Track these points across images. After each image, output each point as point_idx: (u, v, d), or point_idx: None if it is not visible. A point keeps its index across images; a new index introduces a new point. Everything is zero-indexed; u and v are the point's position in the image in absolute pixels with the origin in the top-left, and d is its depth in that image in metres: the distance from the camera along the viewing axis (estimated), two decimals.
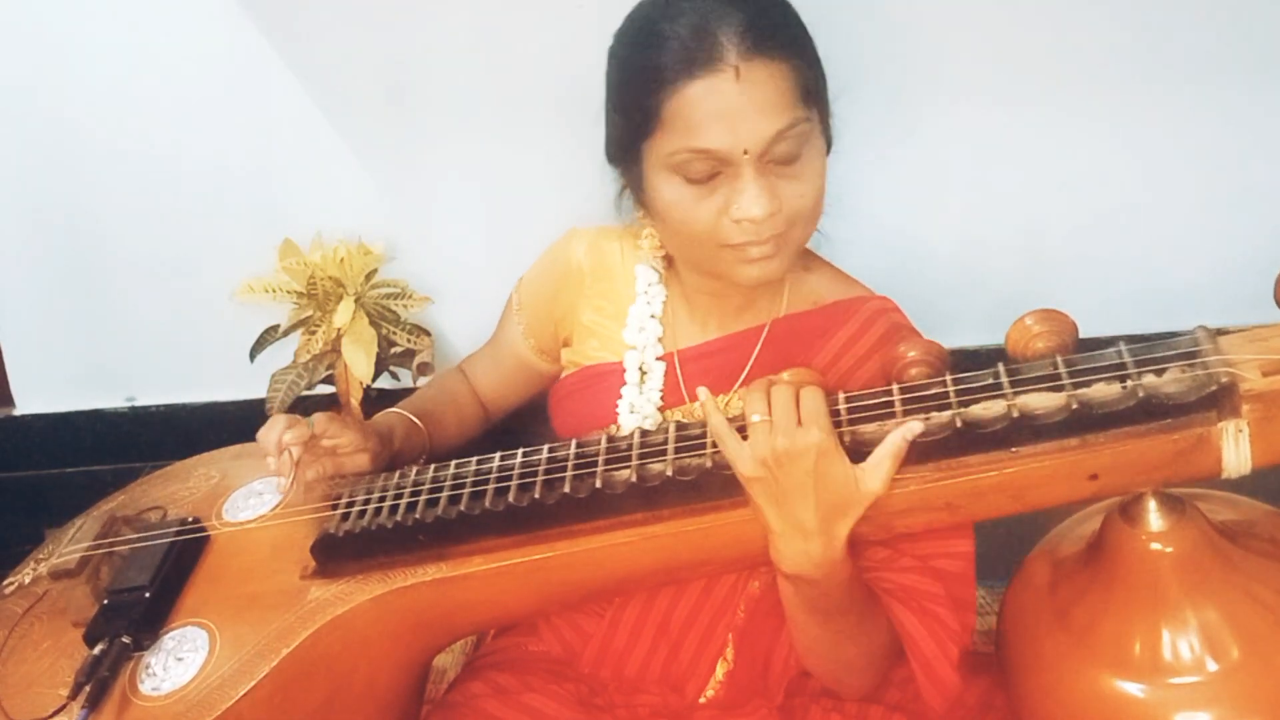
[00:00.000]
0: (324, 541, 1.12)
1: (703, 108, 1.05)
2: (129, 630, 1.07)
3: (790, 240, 1.12)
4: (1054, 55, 1.69)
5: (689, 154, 1.07)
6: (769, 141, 1.06)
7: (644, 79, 1.08)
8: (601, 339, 1.31)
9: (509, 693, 1.22)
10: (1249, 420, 0.93)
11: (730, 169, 1.07)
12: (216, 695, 1.04)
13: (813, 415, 0.97)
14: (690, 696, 1.20)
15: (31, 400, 2.03)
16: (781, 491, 0.98)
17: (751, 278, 1.13)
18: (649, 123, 1.09)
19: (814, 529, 0.99)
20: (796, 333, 1.23)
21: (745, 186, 1.07)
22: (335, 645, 1.09)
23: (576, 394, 1.32)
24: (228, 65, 1.77)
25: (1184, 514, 1.05)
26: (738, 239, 1.10)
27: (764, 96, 1.05)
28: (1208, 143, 1.74)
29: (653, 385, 1.25)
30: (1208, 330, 0.98)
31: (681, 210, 1.11)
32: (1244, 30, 1.66)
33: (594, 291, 1.31)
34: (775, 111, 1.05)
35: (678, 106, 1.06)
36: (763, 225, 1.08)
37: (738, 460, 0.99)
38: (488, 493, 1.09)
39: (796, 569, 1.01)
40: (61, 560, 1.15)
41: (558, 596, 1.15)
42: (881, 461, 0.97)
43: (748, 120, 1.05)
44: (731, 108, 1.04)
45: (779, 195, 1.08)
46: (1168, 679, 1.02)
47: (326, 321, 1.79)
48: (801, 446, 0.96)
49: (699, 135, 1.05)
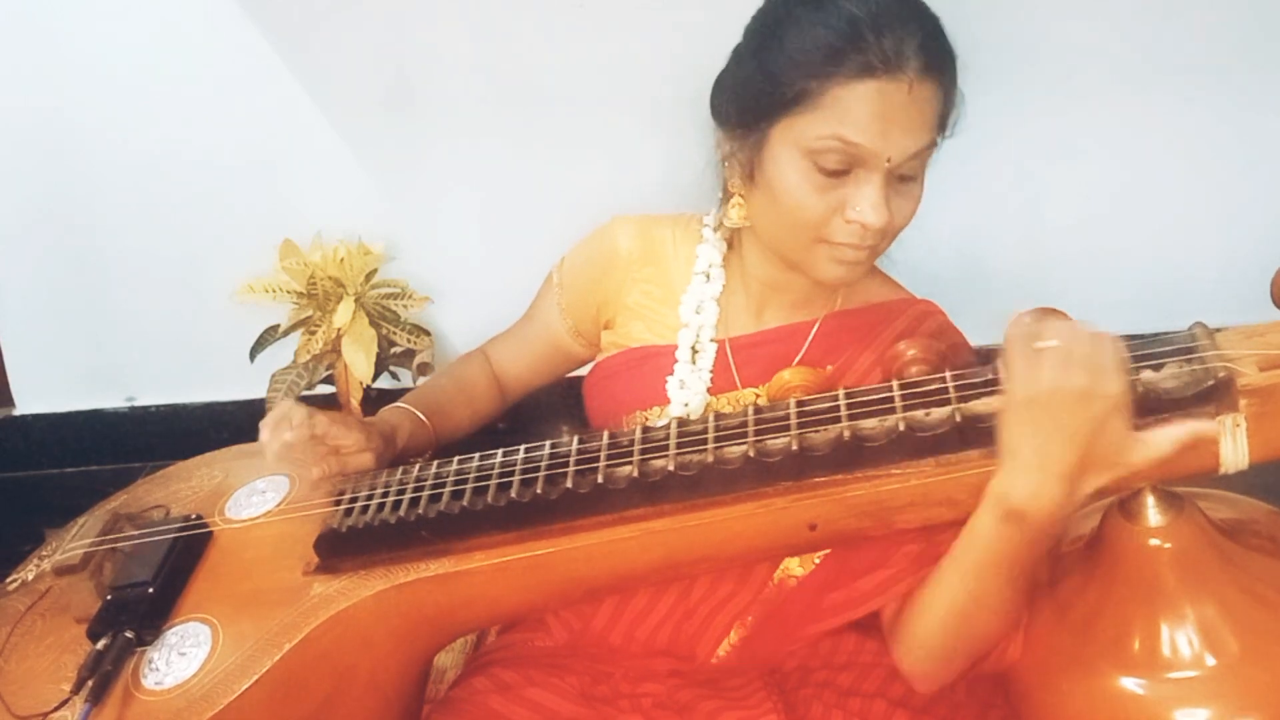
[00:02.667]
0: (326, 537, 1.12)
1: (869, 106, 1.06)
2: (132, 625, 1.07)
3: (879, 250, 1.16)
4: (1054, 54, 1.70)
5: (838, 144, 1.08)
6: (910, 156, 1.09)
7: (815, 56, 1.08)
8: (648, 321, 1.31)
9: (511, 688, 1.22)
10: (1246, 415, 0.94)
11: (862, 171, 1.09)
12: (219, 690, 1.03)
13: (1116, 363, 0.92)
14: (701, 657, 1.20)
15: (31, 400, 2.03)
16: (1054, 426, 0.92)
17: (835, 277, 1.16)
18: (801, 100, 1.09)
19: (1067, 472, 0.93)
20: (847, 329, 1.25)
21: (871, 193, 1.09)
22: (337, 641, 1.09)
23: (619, 375, 1.32)
24: (228, 65, 1.78)
25: (1182, 510, 1.06)
26: (842, 238, 1.12)
27: (923, 114, 1.08)
28: (1207, 142, 1.75)
29: (704, 365, 1.26)
30: (1205, 326, 0.99)
31: (800, 195, 1.11)
32: (1244, 30, 1.66)
33: (642, 275, 1.32)
34: (924, 130, 1.09)
35: (843, 96, 1.07)
36: (872, 233, 1.11)
37: (1026, 379, 0.93)
38: (490, 488, 1.09)
39: (1026, 504, 0.95)
40: (65, 556, 1.15)
41: (559, 592, 1.15)
42: (1163, 442, 0.93)
43: (902, 132, 1.07)
44: (895, 115, 1.07)
45: (890, 208, 1.11)
46: (1166, 674, 1.03)
47: (326, 321, 1.80)
48: (1101, 391, 0.91)
49: (857, 130, 1.07)
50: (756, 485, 1.04)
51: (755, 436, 1.04)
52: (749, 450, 1.02)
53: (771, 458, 1.02)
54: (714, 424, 1.07)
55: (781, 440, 1.03)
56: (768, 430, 1.05)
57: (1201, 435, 0.94)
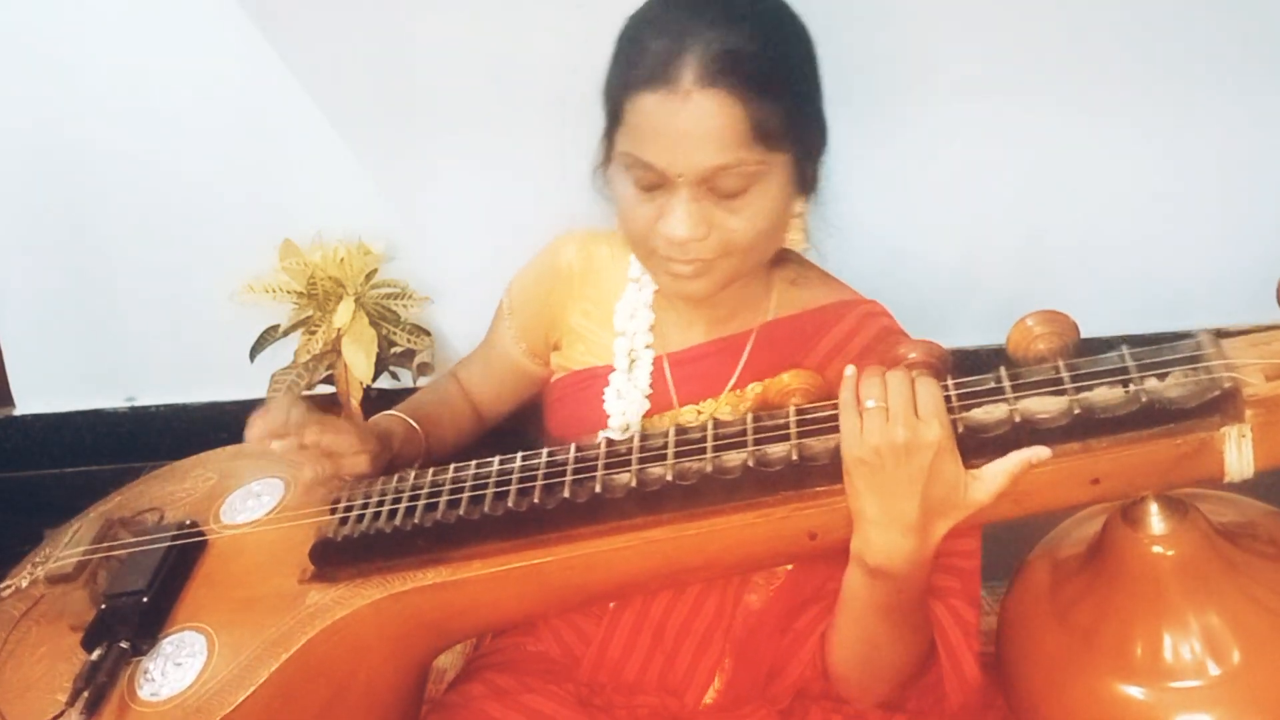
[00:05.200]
0: (322, 546, 1.11)
1: (651, 121, 1.06)
2: (127, 635, 1.07)
3: (717, 267, 1.12)
4: (1055, 54, 1.69)
5: (633, 160, 1.09)
6: (706, 172, 1.06)
7: (619, 75, 1.10)
8: (588, 343, 1.31)
9: (508, 693, 1.22)
10: (1252, 425, 0.93)
11: (669, 185, 1.08)
12: (215, 701, 1.03)
13: (933, 410, 0.95)
14: (690, 704, 1.20)
15: (31, 400, 2.04)
16: (889, 481, 0.95)
17: (674, 290, 1.15)
18: (615, 118, 1.11)
19: (913, 524, 0.96)
20: (786, 337, 1.23)
21: (674, 207, 1.08)
22: (334, 650, 1.08)
23: (566, 398, 1.32)
24: (228, 66, 1.77)
25: (1186, 517, 1.05)
26: (663, 251, 1.11)
27: (709, 127, 1.04)
28: (1208, 142, 1.74)
29: (640, 375, 1.25)
30: (1211, 334, 0.98)
31: (625, 207, 1.13)
32: (1246, 30, 1.66)
33: (582, 295, 1.32)
34: (718, 145, 1.05)
35: (633, 112, 1.07)
36: (685, 247, 1.09)
37: (852, 442, 0.96)
38: (487, 497, 1.08)
39: (882, 562, 0.98)
40: (58, 565, 1.15)
41: (557, 600, 1.15)
42: (997, 475, 0.95)
43: (687, 146, 1.05)
44: (675, 129, 1.05)
45: (711, 222, 1.08)
46: (1169, 682, 1.02)
47: (326, 321, 1.79)
48: (921, 441, 0.93)
49: (643, 145, 1.07)
50: (756, 494, 1.03)
51: (754, 444, 1.03)
52: (748, 459, 1.01)
53: (771, 467, 1.01)
54: (713, 431, 1.06)
55: (781, 449, 1.02)
56: (767, 438, 1.04)
57: (1034, 458, 0.95)
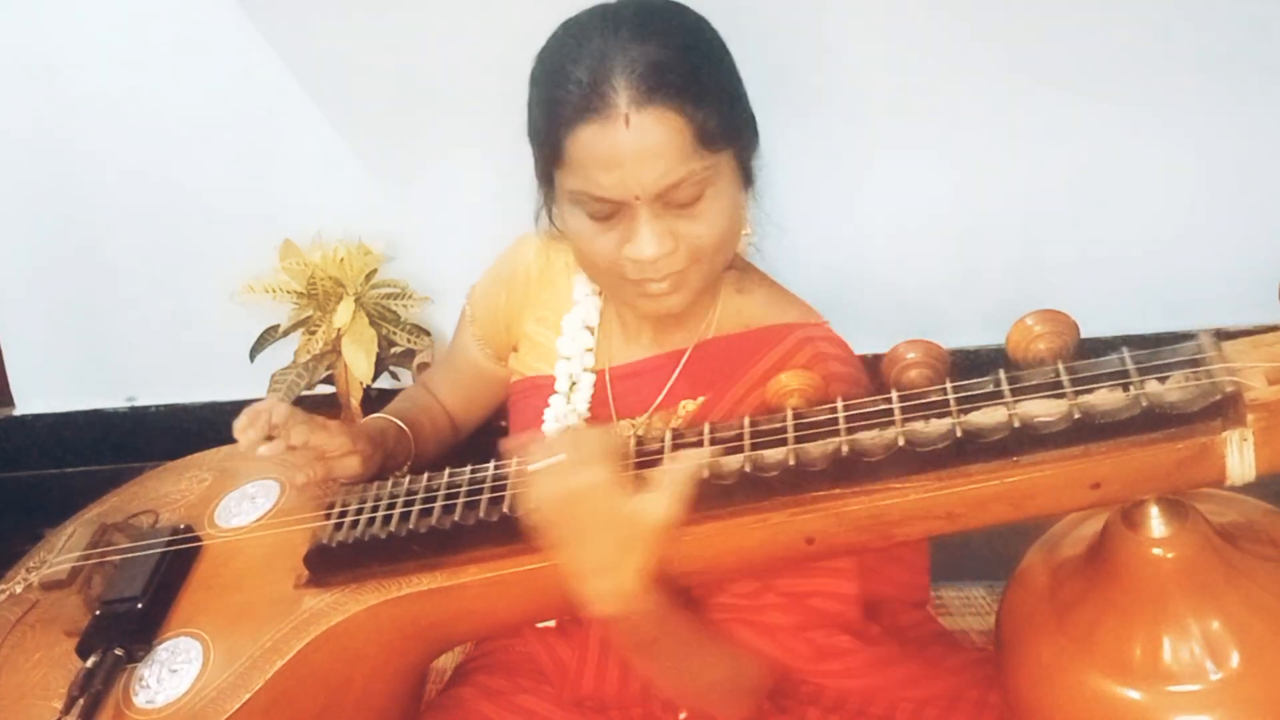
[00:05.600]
0: (317, 552, 1.11)
1: (594, 153, 1.05)
2: (122, 642, 1.07)
3: (690, 276, 1.12)
4: (1056, 54, 1.69)
5: (584, 196, 1.08)
6: (660, 189, 1.05)
7: (549, 114, 1.08)
8: (538, 351, 1.30)
9: (501, 694, 1.22)
10: (1254, 429, 0.92)
11: (626, 209, 1.07)
12: (211, 709, 1.03)
13: (592, 454, 0.96)
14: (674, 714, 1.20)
15: (31, 400, 2.04)
16: (572, 533, 0.97)
17: (651, 310, 1.14)
18: (555, 156, 1.09)
19: (609, 565, 0.97)
20: (720, 357, 1.22)
21: (639, 229, 1.07)
22: (330, 656, 1.08)
23: (517, 404, 1.32)
24: (228, 66, 1.77)
25: (1186, 519, 1.04)
26: (634, 275, 1.10)
27: (654, 144, 1.04)
28: (1210, 141, 1.74)
29: (580, 397, 1.25)
30: (1212, 335, 0.97)
31: (584, 241, 1.12)
32: (1248, 29, 1.65)
33: (538, 300, 1.31)
34: (666, 159, 1.04)
35: (573, 148, 1.06)
36: (657, 265, 1.08)
37: (532, 506, 0.98)
38: (482, 502, 1.08)
39: (605, 609, 0.99)
40: (52, 571, 1.15)
41: (555, 604, 1.14)
42: (664, 491, 0.96)
43: (638, 167, 1.04)
44: (621, 155, 1.04)
45: (676, 235, 1.08)
46: (1168, 685, 1.01)
47: (326, 321, 1.79)
48: (582, 486, 0.95)
49: (592, 180, 1.06)
50: (752, 499, 1.02)
51: (751, 449, 1.02)
52: (744, 465, 1.01)
53: (767, 472, 1.00)
54: (709, 436, 1.05)
55: (778, 454, 1.01)
56: (764, 442, 1.03)
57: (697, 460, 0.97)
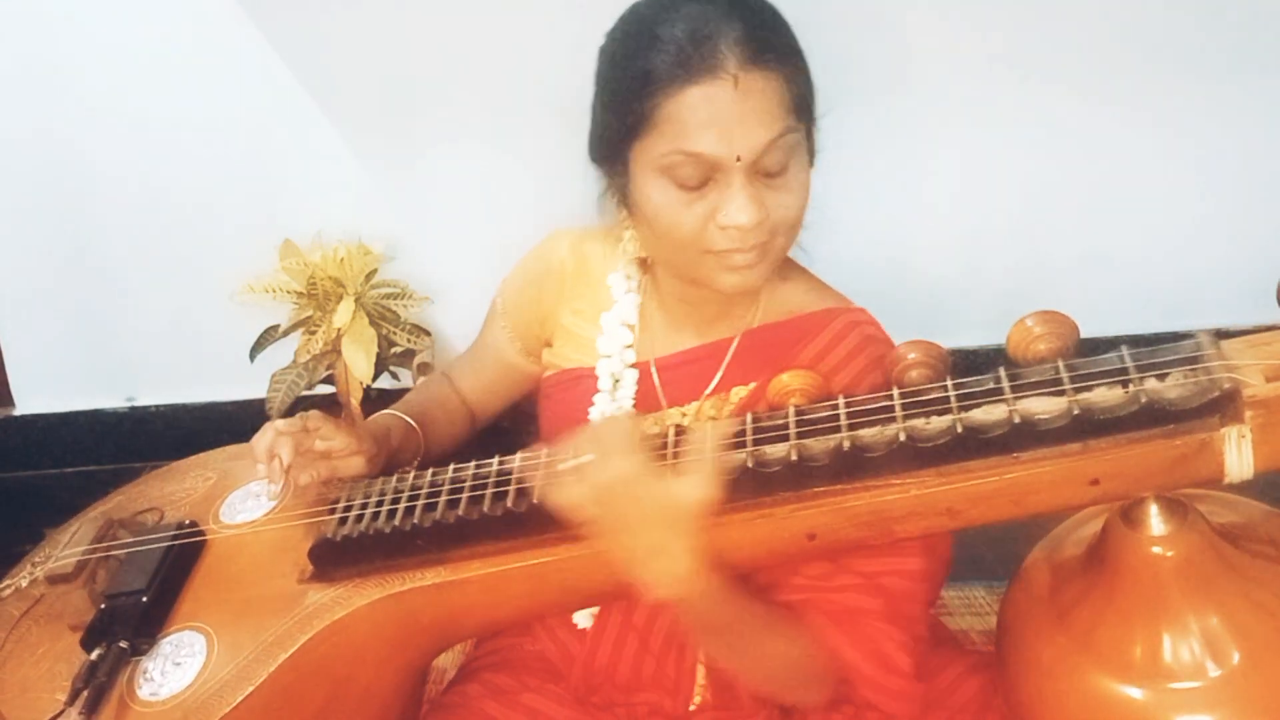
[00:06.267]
0: (321, 546, 1.11)
1: (700, 113, 1.05)
2: (126, 635, 1.07)
3: (772, 249, 1.12)
4: (1058, 55, 1.69)
5: (682, 157, 1.07)
6: (761, 150, 1.06)
7: (639, 81, 1.08)
8: (578, 343, 1.30)
9: (507, 693, 1.22)
10: (1252, 426, 0.93)
11: (721, 176, 1.07)
12: (214, 701, 1.03)
13: (616, 446, 0.98)
14: (683, 703, 1.20)
15: (31, 400, 2.04)
16: (619, 524, 0.99)
17: (732, 285, 1.13)
18: (641, 124, 1.08)
19: (658, 549, 0.99)
20: (768, 344, 1.22)
21: (734, 194, 1.07)
22: (333, 650, 1.08)
23: (555, 397, 1.32)
24: (228, 65, 1.77)
25: (1185, 518, 1.05)
26: (723, 245, 1.10)
27: (760, 105, 1.05)
28: (1209, 140, 1.74)
29: (625, 393, 1.25)
30: (1210, 334, 0.98)
31: (670, 214, 1.10)
32: (1247, 29, 1.66)
33: (574, 293, 1.31)
34: (769, 120, 1.06)
35: (673, 110, 1.06)
36: (749, 233, 1.08)
37: (571, 502, 1.00)
38: (486, 497, 1.08)
39: (666, 592, 1.01)
40: (58, 564, 1.15)
41: (558, 600, 1.15)
42: (694, 468, 0.98)
43: (743, 128, 1.05)
44: (728, 115, 1.04)
45: (765, 204, 1.08)
46: (1168, 683, 1.02)
47: (326, 321, 1.79)
48: (617, 477, 0.97)
49: (694, 139, 1.05)
50: (755, 495, 1.02)
51: (754, 445, 1.03)
52: (747, 460, 1.01)
53: (770, 467, 1.01)
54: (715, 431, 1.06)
55: (780, 449, 1.02)
56: (766, 438, 1.04)
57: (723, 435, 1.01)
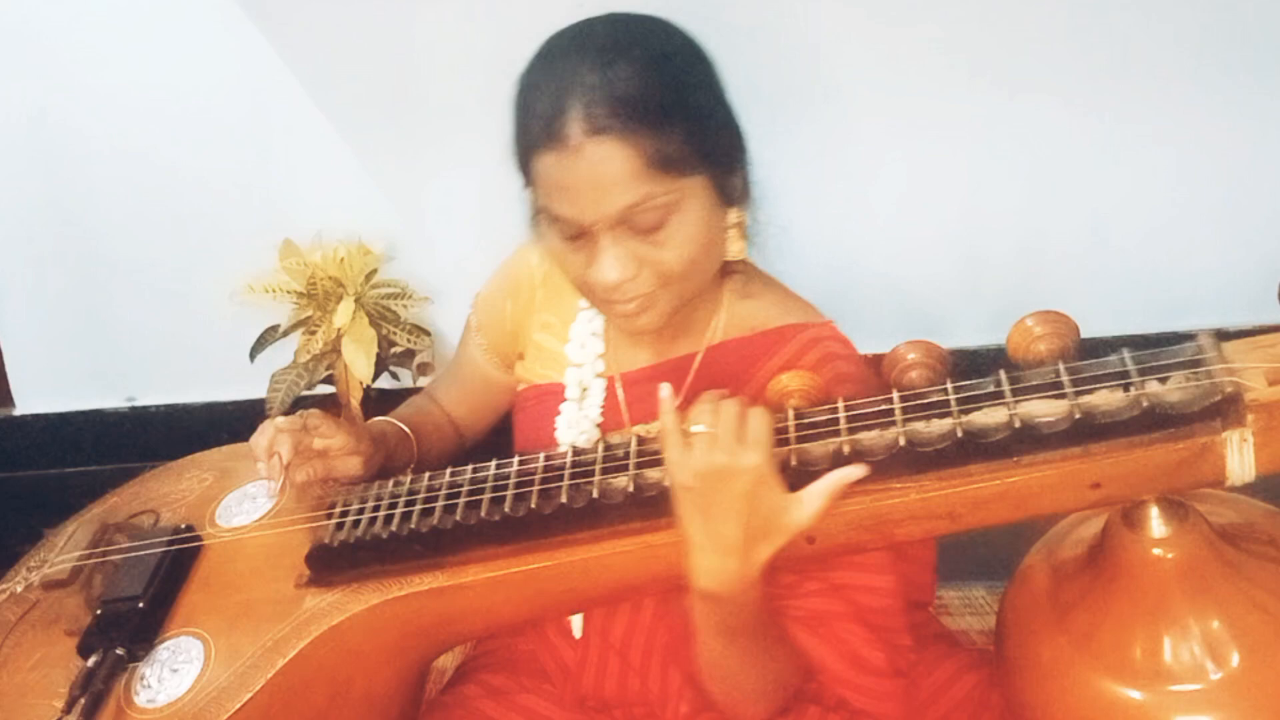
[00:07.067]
0: (319, 551, 1.11)
1: (552, 178, 1.05)
2: (123, 641, 1.07)
3: (659, 298, 1.11)
4: (1058, 54, 1.69)
5: (550, 215, 1.09)
6: (616, 216, 1.05)
7: (518, 138, 1.10)
8: (546, 358, 1.30)
9: (504, 693, 1.22)
10: (1253, 429, 0.92)
11: (590, 232, 1.07)
12: (213, 708, 1.03)
13: (756, 437, 0.97)
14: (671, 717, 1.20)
15: (31, 400, 2.04)
16: (711, 506, 0.97)
17: (630, 328, 1.14)
18: (526, 175, 1.11)
19: (735, 548, 0.98)
20: (730, 360, 1.21)
21: (600, 254, 1.07)
22: (331, 656, 1.08)
23: (524, 411, 1.32)
24: (228, 66, 1.77)
25: (1186, 520, 1.04)
26: (602, 295, 1.11)
27: (606, 173, 1.03)
28: (1210, 142, 1.74)
29: (592, 402, 1.25)
30: (1212, 336, 0.97)
31: (559, 259, 1.13)
32: (1246, 31, 1.65)
33: (544, 306, 1.31)
34: (620, 188, 1.04)
35: (539, 170, 1.07)
36: (621, 288, 1.08)
37: (676, 468, 0.99)
38: (483, 502, 1.08)
39: (710, 585, 1.00)
40: (54, 570, 1.15)
41: (555, 605, 1.15)
42: (814, 499, 0.97)
43: (590, 195, 1.04)
44: (574, 182, 1.04)
45: (640, 259, 1.08)
46: (1168, 685, 1.02)
47: (326, 321, 1.79)
48: (740, 466, 0.96)
49: (555, 202, 1.07)
50: None
51: None
52: None
53: None
54: None
55: (779, 453, 1.01)
56: None
57: (848, 477, 0.97)
